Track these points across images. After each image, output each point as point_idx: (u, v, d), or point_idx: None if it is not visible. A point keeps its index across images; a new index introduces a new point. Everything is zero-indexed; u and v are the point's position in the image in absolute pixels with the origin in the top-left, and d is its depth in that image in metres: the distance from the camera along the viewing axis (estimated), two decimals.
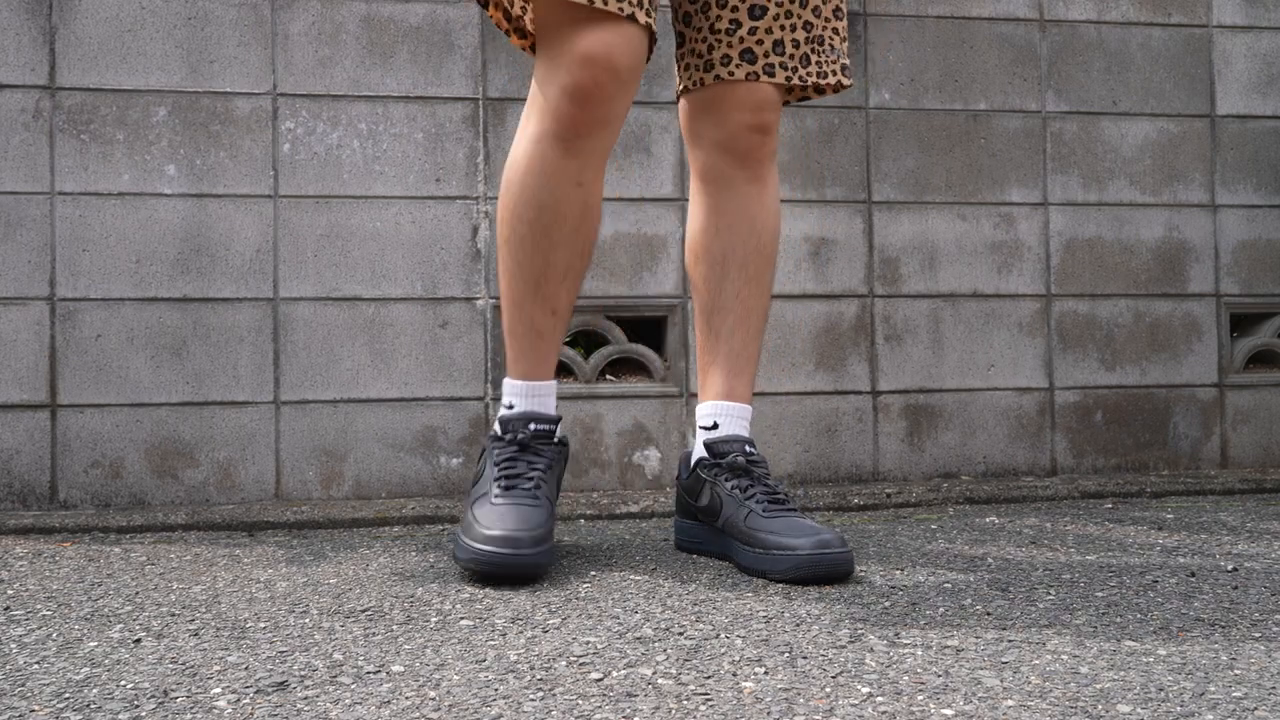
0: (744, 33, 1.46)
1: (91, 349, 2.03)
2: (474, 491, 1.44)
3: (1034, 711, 0.84)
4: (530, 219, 1.42)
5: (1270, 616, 1.13)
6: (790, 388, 2.24)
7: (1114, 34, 2.41)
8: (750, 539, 1.39)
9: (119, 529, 1.83)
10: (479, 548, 1.31)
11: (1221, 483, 2.19)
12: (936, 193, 2.32)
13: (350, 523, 1.88)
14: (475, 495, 1.42)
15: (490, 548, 1.30)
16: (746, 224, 1.53)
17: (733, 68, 1.47)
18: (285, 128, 2.11)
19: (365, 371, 2.11)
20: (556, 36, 1.36)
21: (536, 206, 1.41)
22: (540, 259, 1.43)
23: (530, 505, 1.36)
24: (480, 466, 1.47)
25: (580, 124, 1.37)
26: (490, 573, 1.30)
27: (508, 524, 1.32)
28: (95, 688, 0.93)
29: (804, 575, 1.31)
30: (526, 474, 1.40)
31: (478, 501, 1.39)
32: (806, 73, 1.50)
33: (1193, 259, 2.42)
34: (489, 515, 1.35)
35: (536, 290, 1.45)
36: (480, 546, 1.31)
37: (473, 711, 0.85)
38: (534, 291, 1.45)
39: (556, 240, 1.42)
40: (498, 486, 1.39)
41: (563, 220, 1.42)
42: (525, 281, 1.44)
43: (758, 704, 0.86)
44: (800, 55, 1.49)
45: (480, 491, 1.41)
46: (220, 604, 1.25)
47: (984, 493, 2.09)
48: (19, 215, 2.03)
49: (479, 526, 1.33)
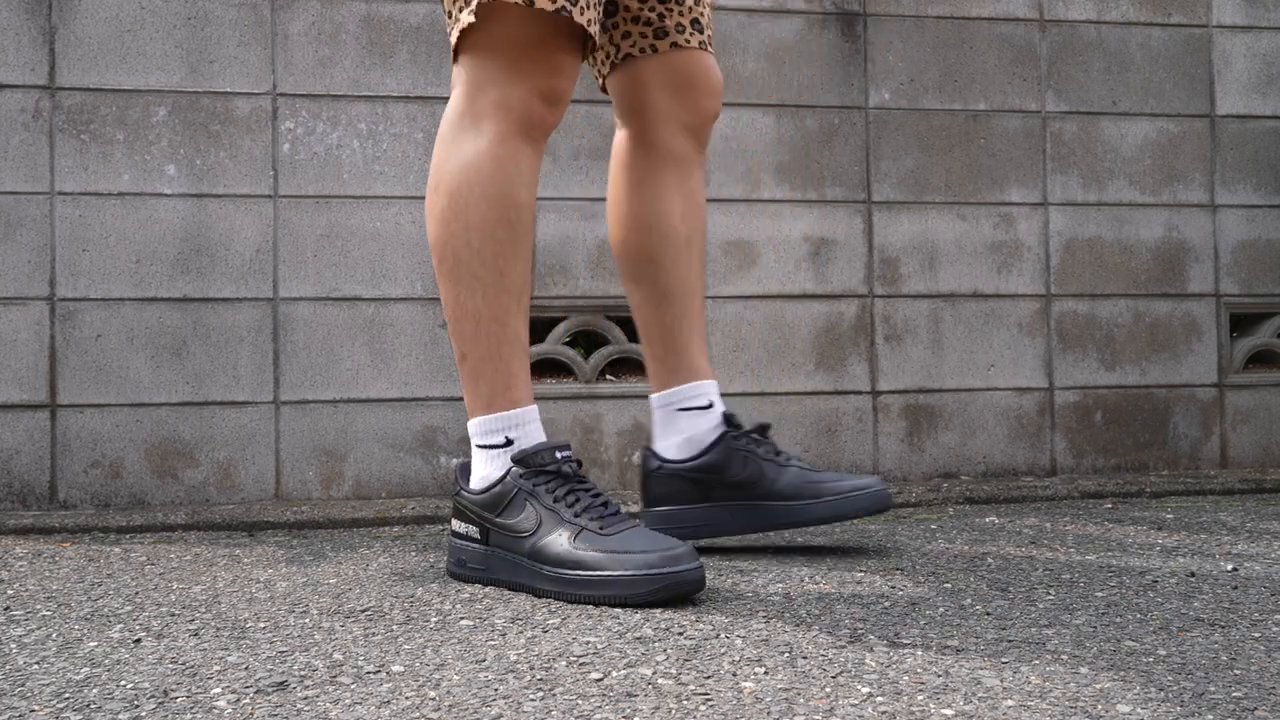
0: (691, 2, 1.53)
1: (91, 349, 2.03)
2: (540, 540, 1.26)
3: (1034, 711, 0.84)
4: (511, 221, 1.31)
5: (1270, 616, 1.13)
6: (790, 388, 2.24)
7: (1114, 34, 2.41)
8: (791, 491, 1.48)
9: (119, 529, 1.83)
10: (658, 571, 1.19)
11: (1221, 483, 2.19)
12: (936, 193, 2.32)
13: (350, 523, 1.88)
14: (552, 538, 1.25)
15: (669, 568, 1.19)
16: (701, 207, 1.58)
17: (688, 35, 1.52)
18: (285, 128, 2.11)
19: (365, 371, 2.11)
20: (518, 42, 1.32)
21: (516, 207, 1.32)
22: (521, 265, 1.32)
23: (636, 525, 1.27)
24: (522, 515, 1.28)
25: (549, 124, 1.35)
26: (676, 594, 1.20)
27: (651, 544, 1.21)
28: (95, 688, 0.93)
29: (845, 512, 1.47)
30: (604, 500, 1.29)
31: (578, 539, 1.23)
32: (711, 43, 1.58)
33: (1192, 259, 2.42)
34: (621, 543, 1.22)
35: (519, 301, 1.33)
36: (659, 570, 1.19)
37: (473, 711, 0.85)
38: (517, 303, 1.33)
39: (529, 243, 1.36)
40: (589, 518, 1.25)
41: (531, 220, 1.35)
42: (508, 294, 1.32)
43: (758, 704, 0.86)
44: (710, 26, 1.57)
45: (559, 533, 1.25)
46: (220, 604, 1.25)
47: (984, 493, 2.09)
48: (19, 215, 2.03)
49: (624, 555, 1.20)
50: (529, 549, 1.26)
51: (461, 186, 1.32)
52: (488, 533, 1.31)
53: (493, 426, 1.33)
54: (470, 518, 1.33)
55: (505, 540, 1.29)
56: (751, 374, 2.23)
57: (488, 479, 1.32)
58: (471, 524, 1.33)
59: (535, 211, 1.43)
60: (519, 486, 1.28)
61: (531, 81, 1.32)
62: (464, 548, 1.34)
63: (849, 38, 2.31)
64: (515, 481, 1.29)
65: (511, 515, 1.28)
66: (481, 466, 1.34)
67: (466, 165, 1.32)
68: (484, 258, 1.31)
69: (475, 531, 1.33)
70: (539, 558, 1.25)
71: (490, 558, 1.31)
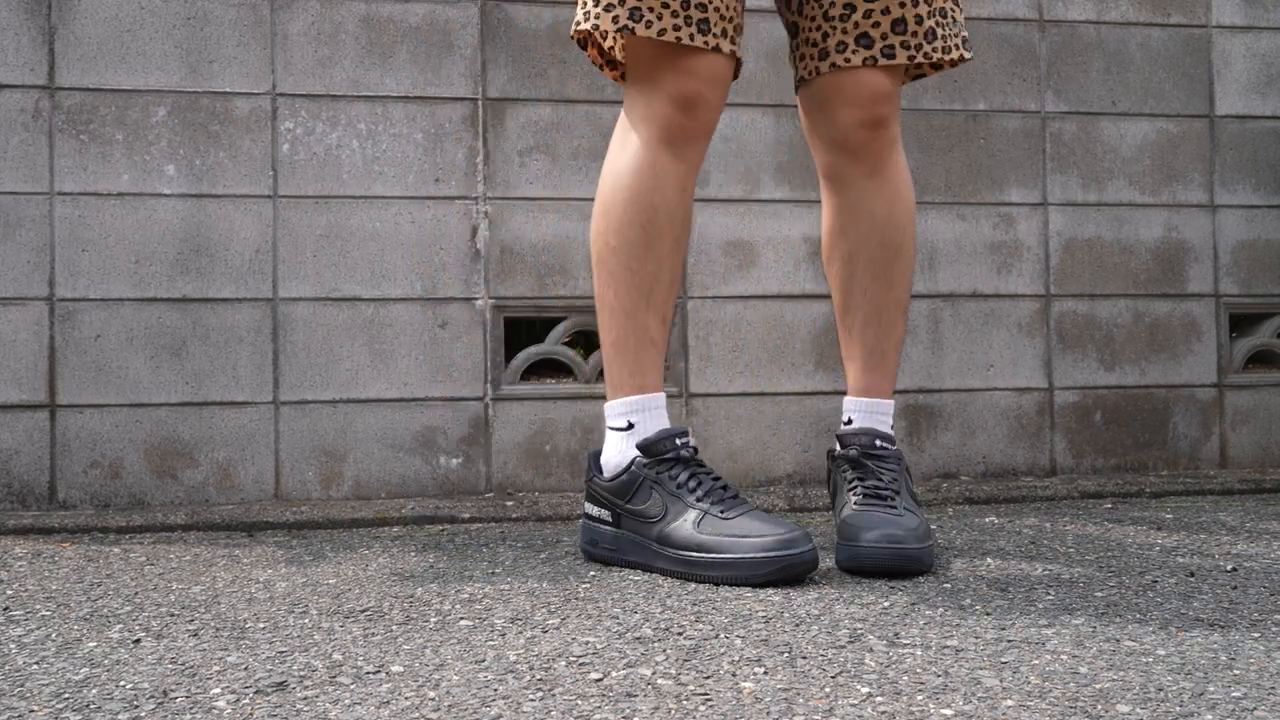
0: (859, 16, 1.45)
1: (91, 349, 2.03)
2: (666, 526, 1.36)
3: (1033, 711, 0.83)
4: (643, 223, 1.43)
5: (1269, 616, 1.13)
6: (790, 388, 2.24)
7: (1113, 34, 2.41)
8: (839, 530, 1.44)
9: (118, 529, 1.83)
10: (775, 554, 1.28)
11: (1221, 483, 2.19)
12: (936, 193, 2.32)
13: (350, 523, 1.88)
14: (677, 524, 1.35)
15: (784, 551, 1.28)
16: (868, 222, 1.53)
17: (849, 54, 1.46)
18: (284, 128, 2.11)
19: (365, 371, 2.11)
20: (649, 57, 1.43)
21: (650, 209, 1.43)
22: (653, 264, 1.43)
23: (753, 509, 1.36)
24: (649, 502, 1.38)
25: (688, 130, 1.43)
26: (791, 575, 1.29)
27: (768, 528, 1.31)
28: (94, 688, 0.93)
29: (850, 567, 1.37)
30: (723, 484, 1.39)
31: (701, 524, 1.33)
32: (932, 48, 1.46)
33: (1192, 259, 2.42)
34: (741, 527, 1.31)
35: (649, 298, 1.44)
36: (776, 553, 1.28)
37: (472, 712, 0.85)
38: (646, 299, 1.44)
39: (668, 245, 1.44)
40: (710, 502, 1.35)
41: (673, 224, 1.44)
42: (637, 290, 1.43)
43: (757, 704, 0.86)
44: (925, 31, 1.46)
45: (683, 518, 1.35)
46: (220, 604, 1.25)
47: (983, 493, 2.09)
48: (18, 215, 2.03)
49: (744, 539, 1.29)
50: (656, 534, 1.37)
51: (607, 192, 1.47)
52: (619, 517, 1.43)
53: (619, 410, 1.45)
54: (602, 502, 1.45)
55: (634, 524, 1.40)
56: (751, 374, 2.23)
57: (617, 466, 1.43)
58: (603, 508, 1.45)
59: (685, 215, 1.46)
60: (644, 475, 1.39)
61: (665, 91, 1.43)
62: (596, 529, 1.46)
63: None
64: (640, 470, 1.40)
65: (639, 502, 1.39)
66: (610, 448, 1.46)
67: (612, 172, 1.47)
68: (619, 256, 1.44)
69: (607, 515, 1.44)
70: (666, 542, 1.36)
71: (620, 539, 1.42)
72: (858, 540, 1.36)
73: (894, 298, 1.54)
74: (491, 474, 2.14)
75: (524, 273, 2.17)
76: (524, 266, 2.17)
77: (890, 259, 1.53)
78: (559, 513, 1.92)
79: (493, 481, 2.14)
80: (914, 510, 1.43)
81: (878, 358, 1.55)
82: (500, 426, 2.15)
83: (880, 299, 1.54)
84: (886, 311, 1.54)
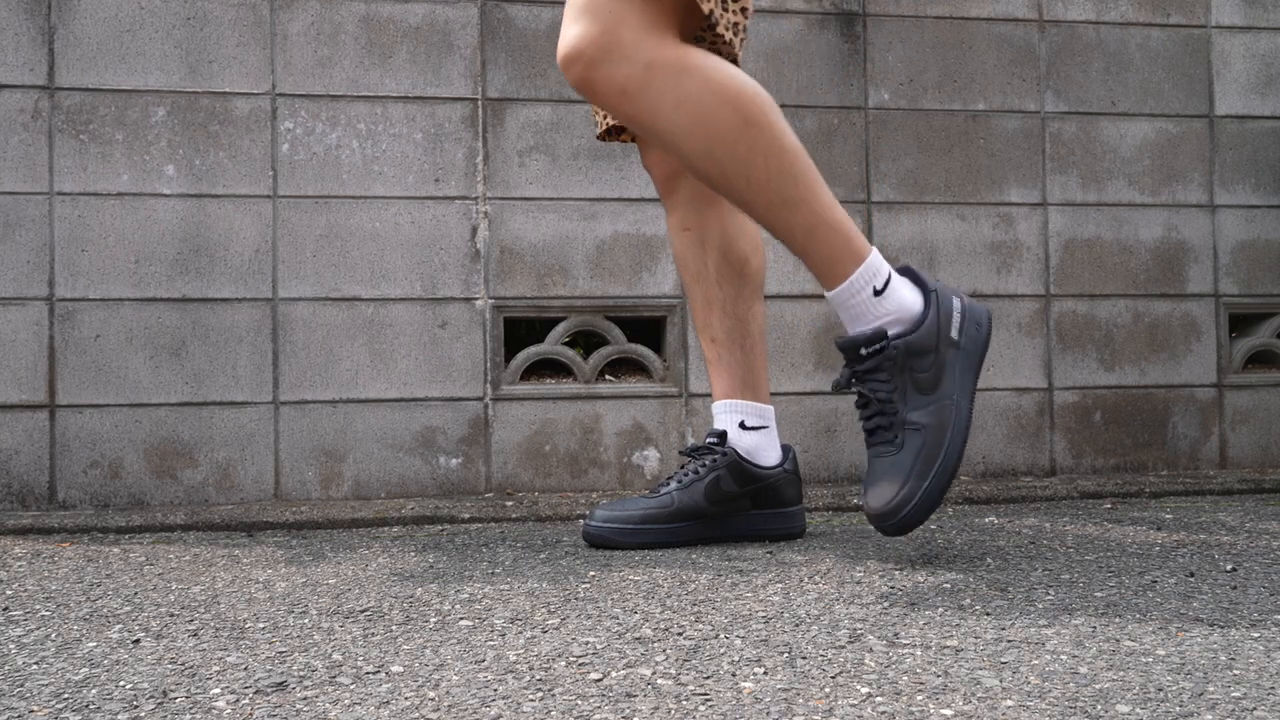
0: None
1: (90, 349, 2.03)
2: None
3: (1033, 711, 0.83)
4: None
5: (1269, 616, 1.13)
6: (790, 388, 2.24)
7: (1113, 34, 2.41)
8: None
9: (118, 529, 1.83)
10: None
11: (1220, 483, 2.19)
12: (935, 193, 2.32)
13: (349, 523, 1.88)
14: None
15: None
16: None
17: None
18: (284, 128, 2.11)
19: (364, 372, 2.11)
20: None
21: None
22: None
23: None
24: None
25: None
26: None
27: None
28: (94, 688, 0.93)
29: None
30: None
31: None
32: None
33: (1191, 259, 2.42)
34: None
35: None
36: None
37: (472, 712, 0.85)
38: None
39: None
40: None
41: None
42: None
43: (757, 704, 0.86)
44: None
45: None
46: (219, 604, 1.25)
47: (983, 493, 2.09)
48: (18, 215, 2.02)
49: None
50: None
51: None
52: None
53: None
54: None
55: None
56: None
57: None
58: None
59: None
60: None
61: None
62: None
63: (848, 38, 2.31)
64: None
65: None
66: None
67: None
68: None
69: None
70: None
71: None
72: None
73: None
74: (491, 474, 2.14)
75: (524, 273, 2.17)
76: (524, 266, 2.17)
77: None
78: (559, 513, 1.92)
79: (492, 481, 2.14)
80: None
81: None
82: (500, 427, 2.15)
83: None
84: None
